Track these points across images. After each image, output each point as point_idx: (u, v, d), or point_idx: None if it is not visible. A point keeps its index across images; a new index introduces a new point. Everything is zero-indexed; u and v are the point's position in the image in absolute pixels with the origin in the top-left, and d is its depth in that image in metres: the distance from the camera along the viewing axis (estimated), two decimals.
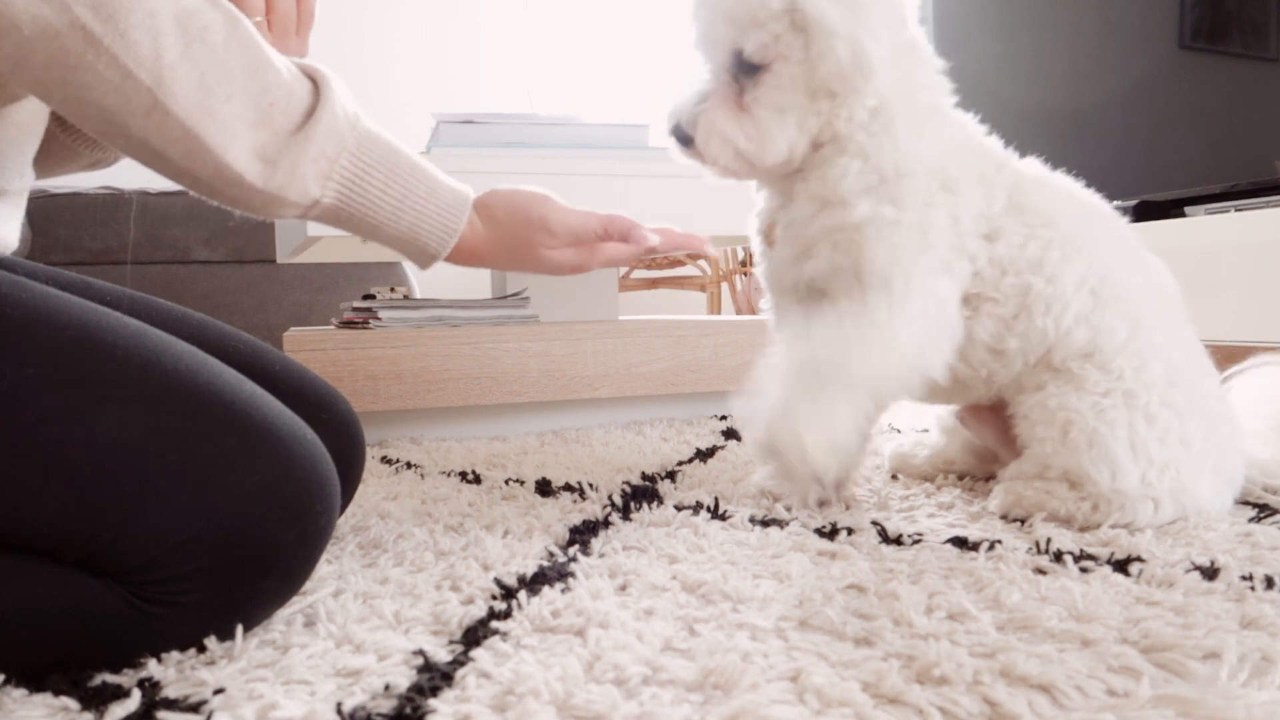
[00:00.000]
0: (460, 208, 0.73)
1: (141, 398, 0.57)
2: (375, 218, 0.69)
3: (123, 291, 0.83)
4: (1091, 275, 0.88)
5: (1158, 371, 0.87)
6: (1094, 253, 0.89)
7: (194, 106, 0.58)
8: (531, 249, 0.78)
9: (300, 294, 2.41)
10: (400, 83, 2.87)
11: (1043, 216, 0.89)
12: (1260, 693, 0.50)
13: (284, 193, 0.63)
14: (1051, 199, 0.91)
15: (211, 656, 0.58)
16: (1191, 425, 0.87)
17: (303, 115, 0.63)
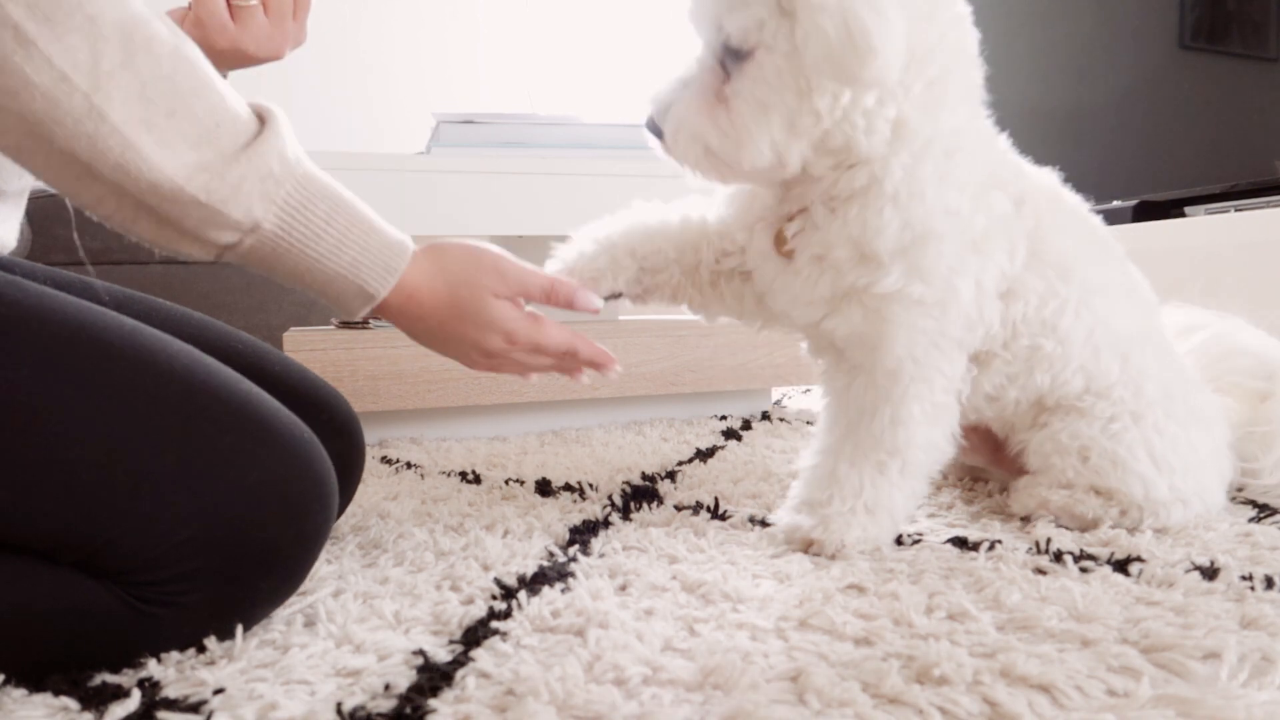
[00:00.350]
0: (402, 248, 0.69)
1: (140, 397, 0.57)
2: (315, 250, 0.63)
3: (122, 291, 0.83)
4: (1097, 328, 0.86)
5: (1153, 392, 0.87)
6: (1101, 302, 0.87)
7: (133, 117, 0.55)
8: (476, 293, 0.73)
9: (300, 294, 2.41)
10: (400, 83, 2.87)
11: (1060, 266, 0.84)
12: (1260, 693, 0.50)
13: (226, 207, 0.58)
14: (1068, 238, 0.86)
15: (211, 656, 0.58)
16: (1195, 433, 0.88)
17: (249, 137, 0.60)
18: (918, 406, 0.81)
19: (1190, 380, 0.93)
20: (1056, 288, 0.84)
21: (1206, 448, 0.89)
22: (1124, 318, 0.88)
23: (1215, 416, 0.93)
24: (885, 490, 0.81)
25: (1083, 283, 0.85)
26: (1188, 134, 1.83)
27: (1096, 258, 0.89)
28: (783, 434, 1.49)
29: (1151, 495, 0.85)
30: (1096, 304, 0.86)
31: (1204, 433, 0.90)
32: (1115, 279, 0.90)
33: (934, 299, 0.78)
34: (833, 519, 0.80)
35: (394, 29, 2.90)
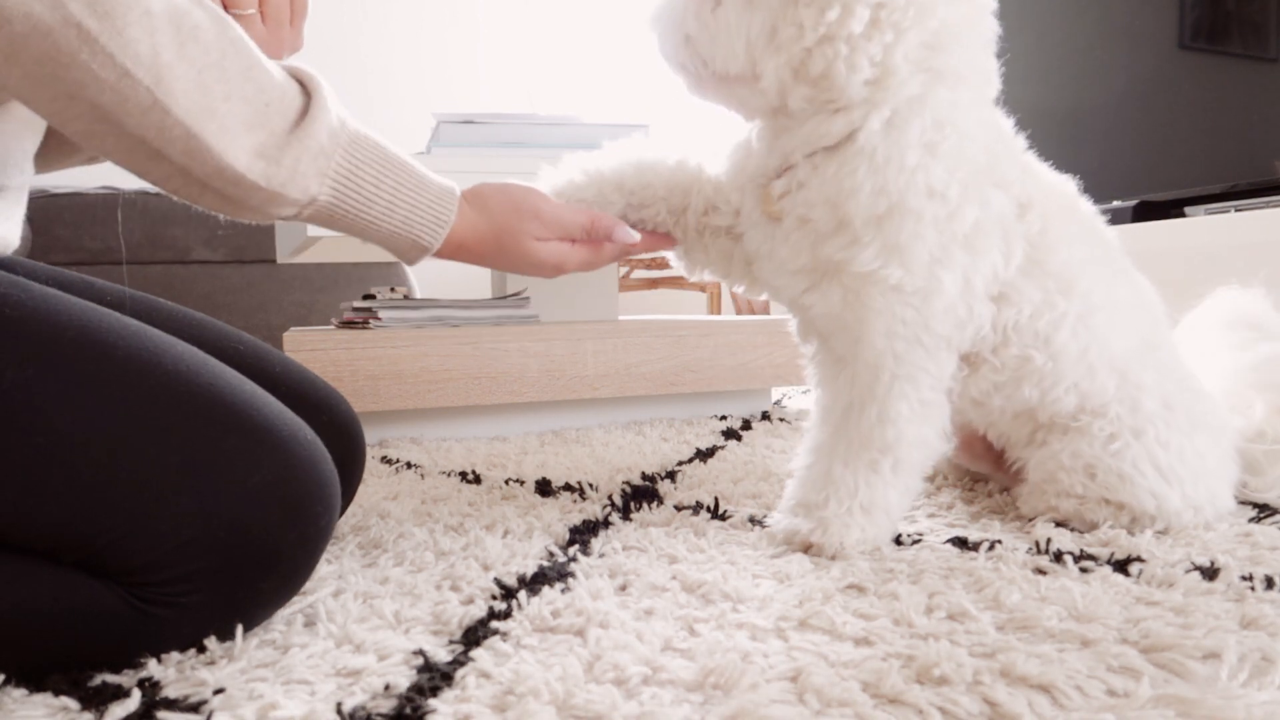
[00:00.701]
0: (449, 199, 0.74)
1: (142, 398, 0.57)
2: (369, 214, 0.69)
3: (124, 291, 0.83)
4: (1093, 349, 0.84)
5: (1151, 406, 0.86)
6: (1102, 321, 0.84)
7: (194, 106, 0.58)
8: (519, 239, 0.78)
9: (300, 294, 2.42)
10: (400, 83, 2.87)
11: (1062, 280, 0.82)
12: (1260, 693, 0.50)
13: (286, 190, 0.63)
14: (1076, 251, 0.84)
15: (211, 656, 0.58)
16: (1200, 441, 0.87)
17: (297, 114, 0.64)
18: (904, 405, 0.80)
19: (1193, 388, 0.92)
20: (1055, 300, 0.82)
21: (1214, 455, 0.88)
22: (1123, 336, 0.86)
23: (1221, 424, 0.92)
24: (880, 489, 0.81)
25: (1085, 298, 0.83)
26: (1188, 134, 1.83)
27: (1104, 274, 0.86)
28: (783, 434, 1.49)
29: (1164, 508, 0.84)
30: (1097, 322, 0.84)
31: (1210, 440, 0.89)
32: (1120, 294, 0.87)
33: (914, 287, 0.76)
34: (830, 521, 0.79)
35: (394, 29, 2.90)
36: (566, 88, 3.12)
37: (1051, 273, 0.82)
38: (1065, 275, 0.83)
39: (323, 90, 0.66)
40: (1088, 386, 0.85)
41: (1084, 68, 2.02)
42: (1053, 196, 0.85)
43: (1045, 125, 2.08)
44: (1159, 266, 1.67)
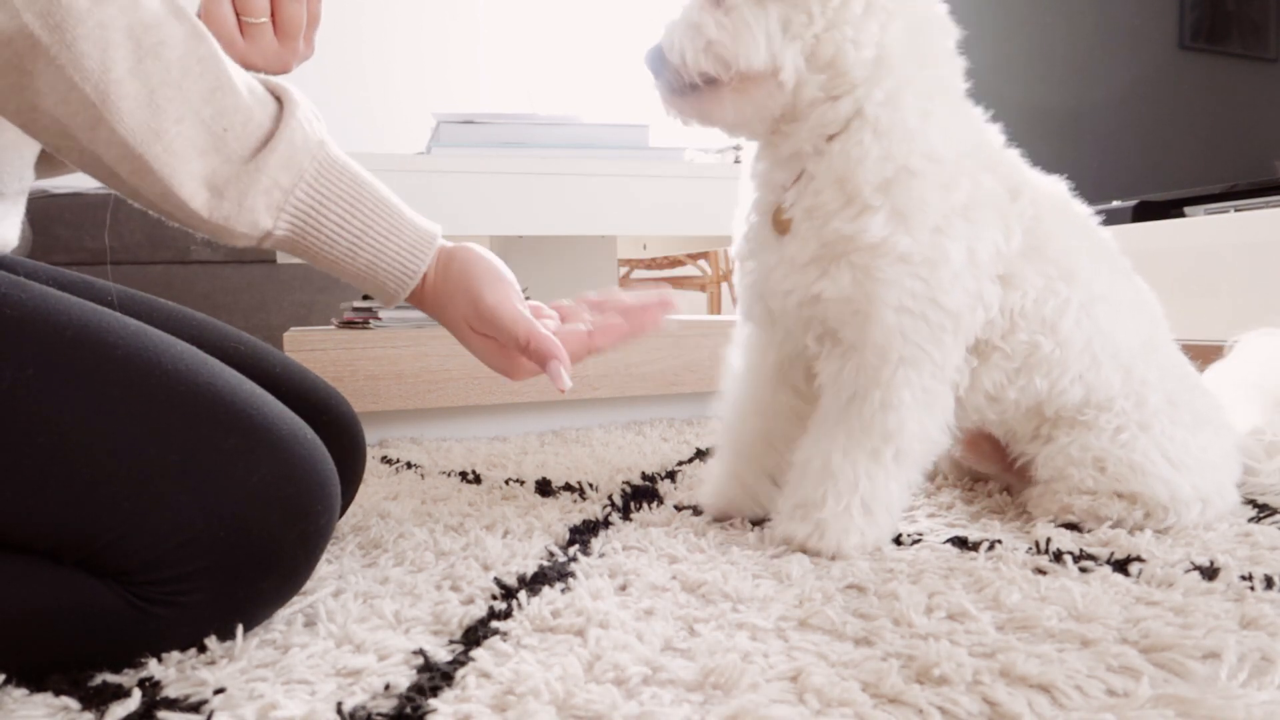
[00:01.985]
0: (425, 248, 0.69)
1: (141, 398, 0.57)
2: (331, 253, 0.65)
3: (123, 291, 0.83)
4: (1096, 340, 0.86)
5: (1157, 401, 0.87)
6: (1104, 319, 0.86)
7: (140, 126, 0.55)
8: (456, 321, 0.73)
9: (300, 294, 2.42)
10: (400, 83, 2.87)
11: (1062, 267, 0.84)
12: (1260, 693, 0.50)
13: (230, 224, 0.60)
14: (1073, 241, 0.86)
15: (212, 656, 0.58)
16: (1204, 436, 0.88)
17: (259, 141, 0.60)
18: (907, 391, 0.80)
19: (1196, 386, 0.93)
20: (1057, 286, 0.84)
21: (1217, 450, 0.89)
22: (1128, 331, 0.88)
23: (1223, 421, 0.93)
24: (881, 481, 0.80)
25: (1086, 287, 0.85)
26: (1188, 134, 1.83)
27: (1102, 267, 0.88)
28: None
29: (1176, 496, 0.85)
30: (1099, 313, 0.86)
31: (1213, 435, 0.90)
32: (1120, 290, 0.89)
33: (921, 256, 0.77)
34: (829, 524, 0.79)
35: (394, 29, 2.90)
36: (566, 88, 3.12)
37: (1051, 259, 0.84)
38: (1064, 263, 0.84)
39: (297, 115, 0.62)
40: (1093, 379, 0.86)
41: (1084, 68, 2.02)
42: (1042, 190, 0.87)
43: (1045, 125, 2.09)
44: (1159, 266, 1.68)
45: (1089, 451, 0.86)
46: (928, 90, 0.79)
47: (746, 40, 0.76)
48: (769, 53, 0.76)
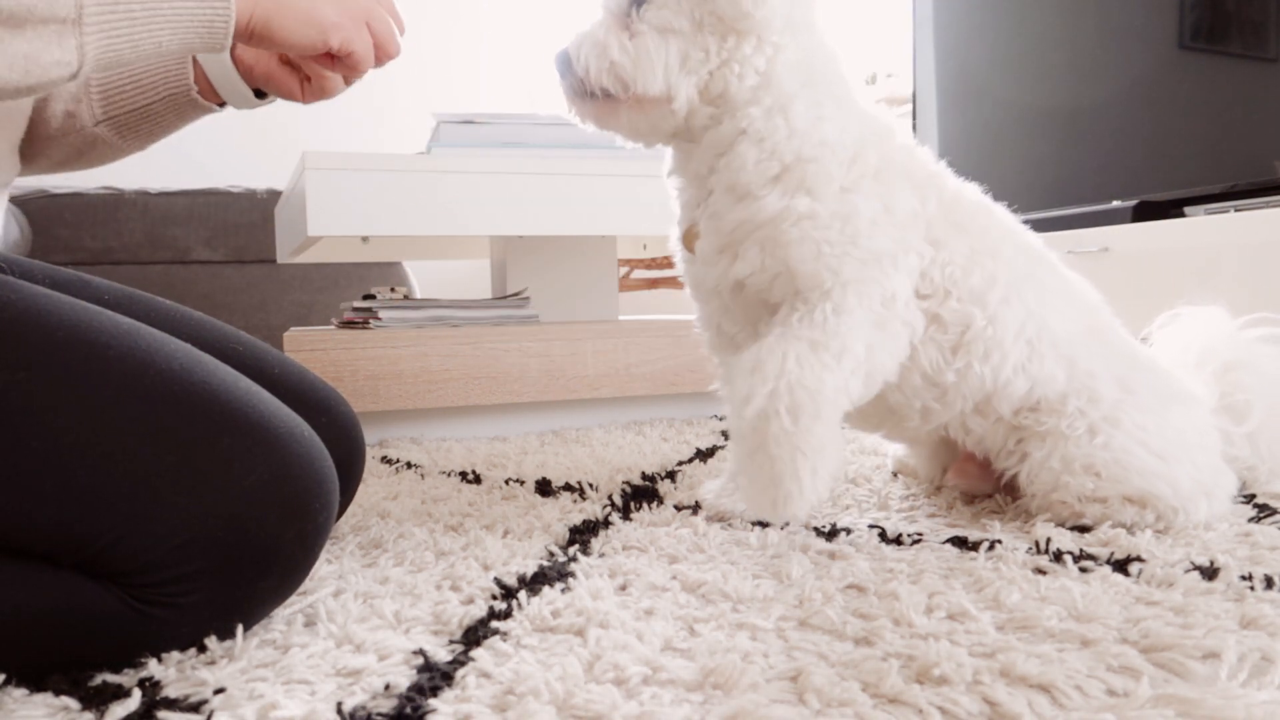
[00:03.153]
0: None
1: (136, 399, 0.57)
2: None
3: (122, 290, 0.83)
4: (1030, 325, 0.86)
5: (1111, 392, 0.87)
6: (1033, 301, 0.87)
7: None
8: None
9: (300, 294, 2.41)
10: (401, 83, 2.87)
11: (985, 243, 0.86)
12: (1260, 692, 0.50)
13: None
14: (993, 222, 0.88)
15: (212, 656, 0.58)
16: (1174, 415, 0.87)
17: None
18: (856, 302, 0.80)
19: (1149, 365, 0.92)
20: (982, 260, 0.85)
21: (1193, 427, 0.88)
22: (1062, 319, 0.88)
23: (1189, 393, 0.92)
24: (814, 369, 0.76)
25: (1010, 266, 0.86)
26: (1188, 134, 1.83)
27: (1026, 255, 0.89)
28: None
29: (1179, 490, 0.84)
30: (1028, 294, 0.86)
31: (1183, 411, 0.89)
32: (1047, 277, 0.90)
33: (828, 212, 0.80)
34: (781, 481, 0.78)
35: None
36: None
37: (973, 234, 0.86)
38: (986, 239, 0.86)
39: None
40: (1037, 371, 0.86)
41: (1084, 68, 2.02)
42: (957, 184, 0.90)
43: (1045, 125, 2.09)
44: (1159, 266, 1.67)
45: (1075, 460, 0.85)
46: (816, 100, 0.84)
47: (646, 68, 0.81)
48: (665, 82, 0.82)
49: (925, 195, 0.85)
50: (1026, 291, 0.87)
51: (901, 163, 0.85)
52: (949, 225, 0.86)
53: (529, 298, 1.68)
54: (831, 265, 0.80)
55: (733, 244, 0.85)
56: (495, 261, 1.92)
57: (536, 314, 1.66)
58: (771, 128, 0.82)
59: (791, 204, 0.80)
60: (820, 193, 0.80)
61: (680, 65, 0.82)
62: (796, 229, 0.80)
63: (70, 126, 0.81)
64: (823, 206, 0.80)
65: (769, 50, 0.82)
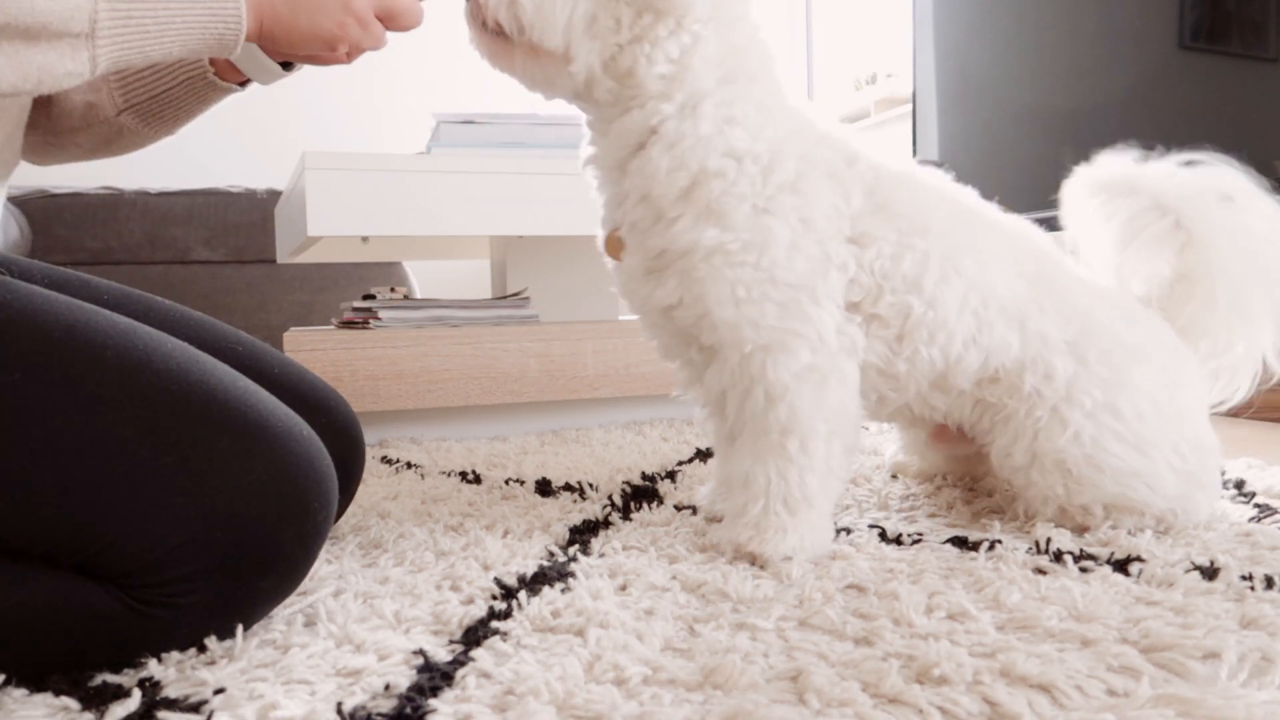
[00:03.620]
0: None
1: (133, 399, 0.57)
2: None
3: (121, 290, 0.83)
4: (973, 297, 0.83)
5: (1065, 366, 0.83)
6: (973, 271, 0.83)
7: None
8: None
9: (300, 294, 2.41)
10: (402, 83, 2.87)
11: (914, 222, 0.82)
12: (1260, 692, 0.50)
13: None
14: (920, 196, 0.84)
15: (212, 656, 0.58)
16: (1138, 374, 0.84)
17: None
18: (787, 375, 0.77)
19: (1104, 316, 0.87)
20: (912, 241, 0.82)
21: (1159, 383, 0.84)
22: (1007, 281, 0.84)
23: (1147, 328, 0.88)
24: (794, 476, 0.78)
25: (944, 239, 0.82)
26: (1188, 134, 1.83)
27: (960, 221, 0.85)
28: None
29: (1163, 490, 0.82)
30: (967, 267, 0.83)
31: (1144, 370, 0.84)
32: (987, 240, 0.86)
33: (740, 243, 0.76)
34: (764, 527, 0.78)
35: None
36: None
37: (899, 214, 0.82)
38: (914, 217, 0.82)
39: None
40: (988, 341, 0.84)
41: (1084, 68, 2.02)
42: (882, 159, 0.85)
43: (1045, 125, 2.08)
44: None
45: (1045, 456, 0.83)
46: (729, 100, 0.79)
47: (547, 17, 0.76)
48: (565, 39, 0.77)
49: (848, 189, 0.81)
50: (965, 262, 0.83)
51: (823, 159, 0.81)
52: (875, 212, 0.82)
53: (529, 298, 1.68)
54: (751, 316, 0.77)
55: (655, 269, 0.81)
56: (495, 261, 1.92)
57: (536, 314, 1.66)
58: (680, 133, 0.78)
59: (701, 237, 0.77)
60: (729, 218, 0.77)
61: (586, 27, 0.76)
62: (707, 265, 0.77)
63: (94, 117, 0.81)
64: (733, 236, 0.77)
65: (686, 39, 0.77)
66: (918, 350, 0.83)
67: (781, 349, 0.78)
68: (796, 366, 0.78)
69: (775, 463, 0.78)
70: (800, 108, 0.84)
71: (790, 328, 0.78)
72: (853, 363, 0.81)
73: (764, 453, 0.79)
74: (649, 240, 0.81)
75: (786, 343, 0.78)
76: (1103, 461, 0.82)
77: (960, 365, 0.85)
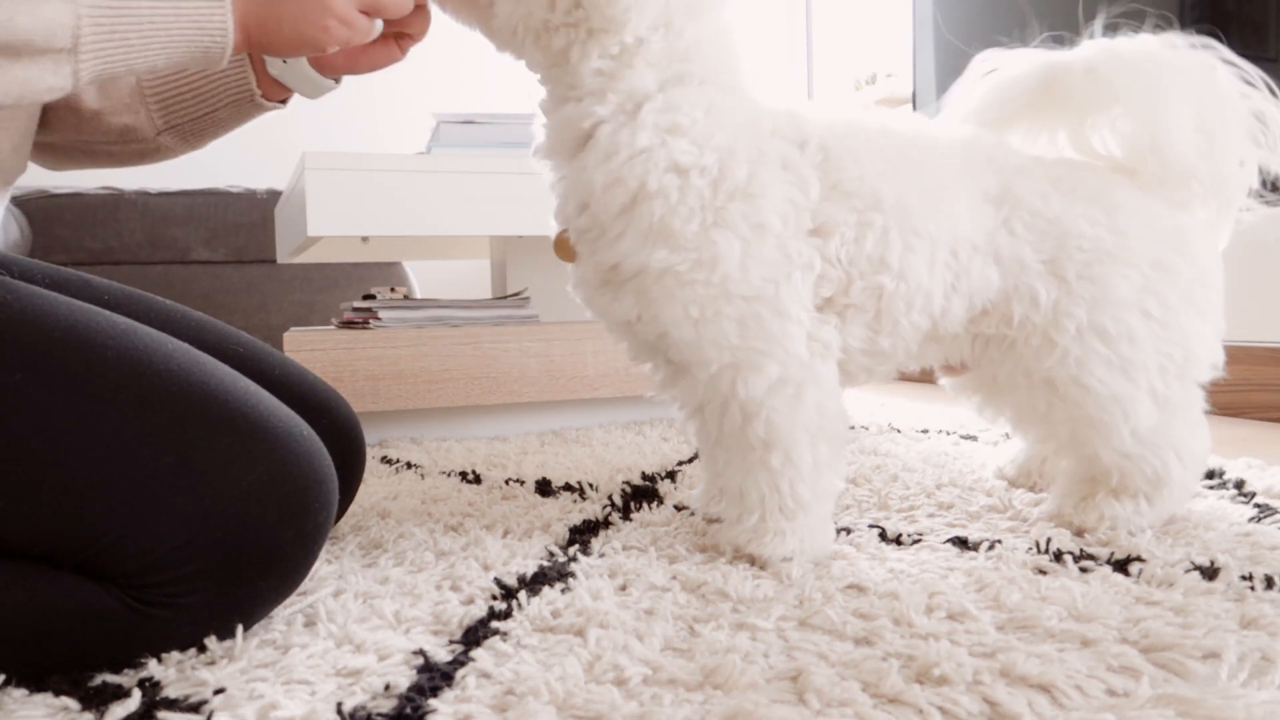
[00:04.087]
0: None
1: (134, 400, 0.57)
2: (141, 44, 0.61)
3: (121, 290, 0.83)
4: (940, 251, 0.80)
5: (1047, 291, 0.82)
6: (932, 227, 0.80)
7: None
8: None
9: (300, 294, 2.41)
10: (402, 82, 2.87)
11: (866, 198, 0.78)
12: (1260, 692, 0.50)
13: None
14: (866, 171, 0.79)
15: (212, 656, 0.58)
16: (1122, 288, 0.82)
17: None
18: (758, 389, 0.75)
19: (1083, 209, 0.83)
20: (870, 218, 0.78)
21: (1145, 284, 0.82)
22: (971, 214, 0.81)
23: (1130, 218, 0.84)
24: (785, 487, 0.77)
25: (898, 209, 0.79)
26: None
27: (906, 178, 0.80)
28: None
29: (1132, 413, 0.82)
30: (926, 227, 0.79)
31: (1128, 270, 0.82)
32: (940, 182, 0.81)
33: (689, 263, 0.73)
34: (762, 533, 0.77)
35: None
36: None
37: (852, 192, 0.78)
38: (865, 191, 0.78)
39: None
40: (968, 285, 0.82)
41: None
42: (828, 123, 0.81)
43: None
44: None
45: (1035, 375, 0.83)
46: (673, 104, 0.74)
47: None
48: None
49: (804, 179, 0.77)
50: (923, 224, 0.79)
51: (775, 152, 0.76)
52: (830, 194, 0.78)
53: (529, 298, 1.68)
54: (711, 336, 0.74)
55: (610, 282, 0.78)
56: (495, 261, 1.92)
57: (536, 314, 1.66)
58: (615, 144, 0.73)
59: (649, 259, 0.73)
60: (677, 238, 0.73)
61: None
62: (659, 286, 0.74)
63: (131, 136, 0.81)
64: (681, 256, 0.73)
65: (627, 37, 0.72)
66: (898, 322, 0.81)
67: (750, 367, 0.75)
68: (766, 382, 0.75)
69: (764, 476, 0.78)
70: (754, 98, 0.79)
71: (753, 345, 0.75)
72: (829, 365, 0.79)
73: (752, 467, 0.78)
74: (598, 253, 0.77)
75: (753, 360, 0.75)
76: (1088, 384, 0.82)
77: (947, 317, 0.83)
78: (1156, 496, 0.85)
